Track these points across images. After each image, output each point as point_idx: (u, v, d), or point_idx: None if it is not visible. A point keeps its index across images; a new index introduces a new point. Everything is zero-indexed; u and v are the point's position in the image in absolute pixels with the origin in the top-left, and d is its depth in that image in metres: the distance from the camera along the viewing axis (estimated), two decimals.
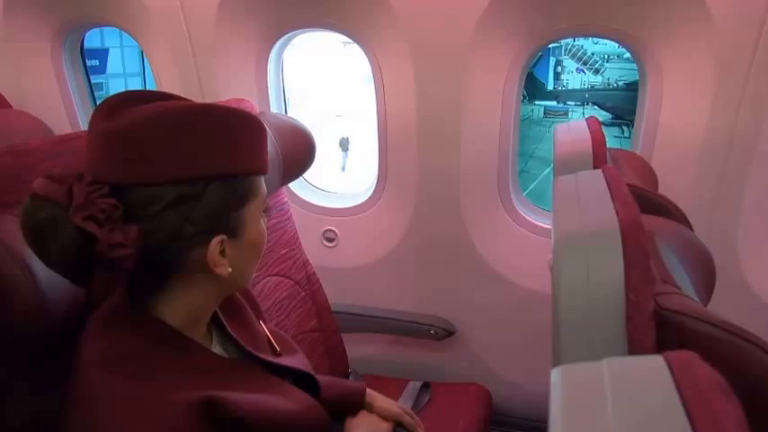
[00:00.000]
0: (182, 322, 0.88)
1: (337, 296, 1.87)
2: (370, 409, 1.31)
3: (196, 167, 0.79)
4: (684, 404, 0.36)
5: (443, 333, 2.14)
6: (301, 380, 1.09)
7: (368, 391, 1.32)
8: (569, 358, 0.60)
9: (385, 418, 1.30)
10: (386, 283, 2.19)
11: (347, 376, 1.97)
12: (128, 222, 0.76)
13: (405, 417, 1.33)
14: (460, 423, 1.84)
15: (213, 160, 0.81)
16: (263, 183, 0.91)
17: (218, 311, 1.00)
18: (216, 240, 0.82)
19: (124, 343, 0.83)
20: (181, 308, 0.87)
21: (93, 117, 0.80)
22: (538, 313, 1.72)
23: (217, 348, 0.98)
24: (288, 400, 0.96)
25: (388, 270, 2.17)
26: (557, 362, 0.62)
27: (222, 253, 0.84)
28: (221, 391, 0.82)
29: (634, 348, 0.58)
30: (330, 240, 2.23)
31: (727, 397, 0.37)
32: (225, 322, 1.01)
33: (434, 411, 1.90)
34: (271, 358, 1.04)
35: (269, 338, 1.09)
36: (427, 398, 1.95)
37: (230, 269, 0.86)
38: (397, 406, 1.34)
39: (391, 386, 1.99)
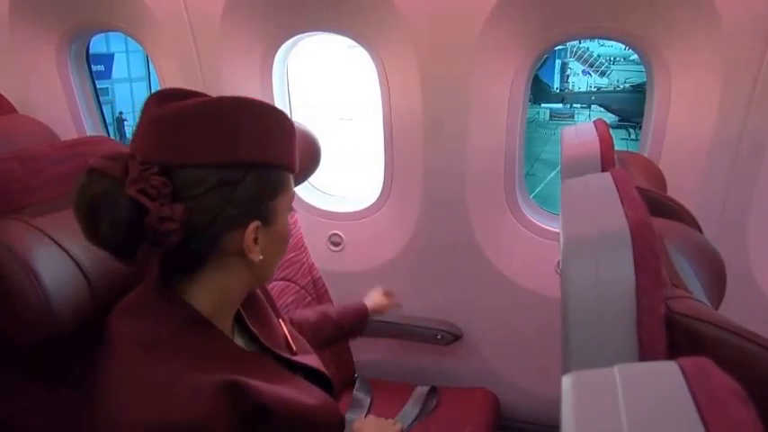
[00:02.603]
0: (210, 310, 0.91)
1: (343, 300, 1.86)
2: None
3: (239, 154, 0.85)
4: (699, 411, 0.36)
5: (450, 337, 2.13)
6: (314, 380, 1.11)
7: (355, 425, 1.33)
8: (580, 363, 0.60)
9: None
10: (392, 286, 2.18)
11: (354, 381, 1.97)
12: (174, 202, 0.81)
13: None
14: (468, 428, 1.83)
15: (255, 149, 0.87)
16: (292, 180, 0.96)
17: (240, 308, 1.03)
18: (252, 226, 0.88)
19: (154, 326, 0.87)
20: (210, 294, 0.91)
21: (145, 104, 0.86)
22: (545, 317, 1.71)
23: (238, 341, 1.01)
24: (306, 395, 1.00)
25: (395, 274, 2.16)
26: (567, 367, 0.61)
27: (255, 240, 0.89)
28: (245, 378, 0.86)
29: (645, 353, 0.58)
30: (336, 245, 2.23)
31: (742, 403, 0.36)
32: (245, 318, 1.05)
33: (442, 416, 1.90)
34: (288, 355, 1.07)
35: (286, 337, 1.13)
36: (434, 402, 1.95)
37: (261, 257, 0.90)
38: None
39: (398, 391, 1.99)
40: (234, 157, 0.85)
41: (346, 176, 2.74)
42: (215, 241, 0.87)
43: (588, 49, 11.03)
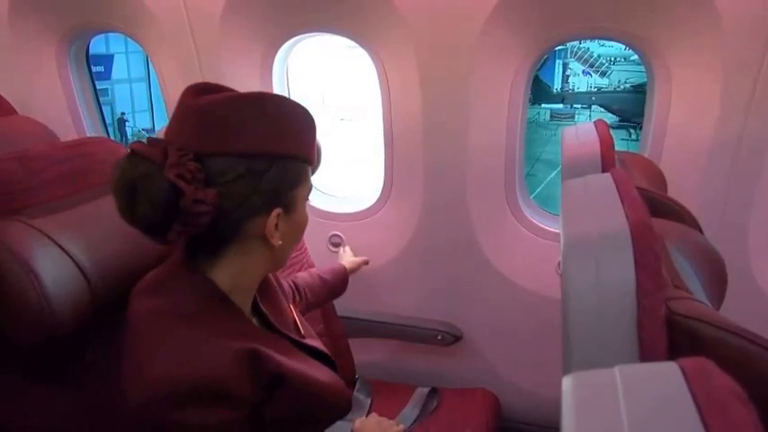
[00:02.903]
0: (229, 288, 0.98)
1: (343, 301, 1.86)
2: None
3: (266, 146, 0.91)
4: (700, 412, 0.36)
5: (450, 338, 2.13)
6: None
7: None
8: (580, 364, 0.60)
9: None
10: (392, 287, 2.19)
11: (354, 382, 1.97)
12: (206, 187, 0.87)
13: None
14: (468, 429, 1.83)
15: (280, 142, 0.93)
16: (310, 172, 1.03)
17: (255, 293, 1.10)
18: (274, 213, 0.94)
19: (179, 299, 0.94)
20: (231, 275, 0.97)
21: (182, 96, 0.92)
22: (546, 318, 1.70)
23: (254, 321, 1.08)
24: (317, 373, 1.07)
25: (395, 274, 2.16)
26: (567, 368, 0.61)
27: (276, 227, 0.95)
28: (264, 348, 0.94)
29: (646, 354, 0.57)
30: (336, 245, 2.22)
31: (742, 404, 0.36)
32: (259, 301, 1.11)
33: (442, 417, 1.89)
34: (296, 337, 1.14)
35: (296, 321, 1.19)
36: (435, 403, 1.94)
37: (280, 242, 0.97)
38: None
39: (398, 391, 1.99)
40: (261, 149, 0.91)
41: (347, 177, 2.73)
42: (239, 225, 0.93)
43: (588, 49, 11.01)
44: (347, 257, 1.93)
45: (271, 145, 0.92)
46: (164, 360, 0.86)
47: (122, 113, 8.49)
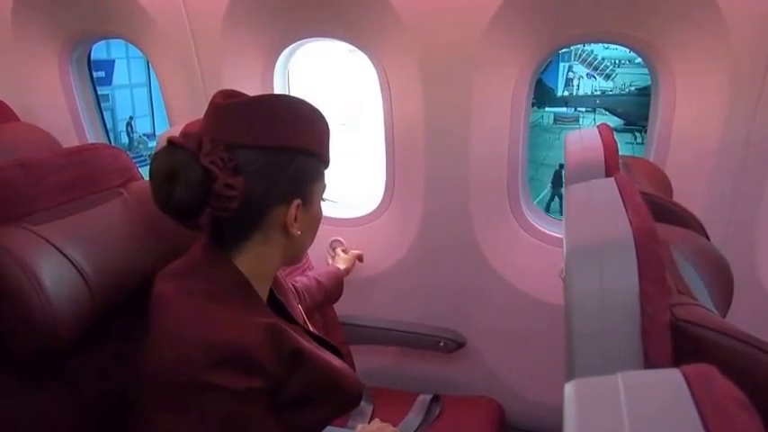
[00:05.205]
0: (250, 276, 1.04)
1: (345, 307, 1.86)
2: None
3: (288, 141, 1.00)
4: (703, 419, 0.36)
5: (453, 345, 2.12)
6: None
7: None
8: (583, 371, 0.59)
9: None
10: (394, 294, 2.18)
11: None
12: (235, 175, 0.96)
13: None
14: None
15: (301, 139, 1.02)
16: (324, 172, 1.11)
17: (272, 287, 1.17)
18: (295, 203, 1.02)
19: (205, 282, 1.01)
20: (252, 262, 1.04)
21: (213, 99, 1.02)
22: (550, 324, 1.69)
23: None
24: (331, 358, 1.13)
25: (397, 281, 2.15)
26: (570, 375, 0.60)
27: (295, 217, 1.03)
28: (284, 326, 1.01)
29: (650, 361, 0.57)
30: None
31: (746, 411, 0.36)
32: (275, 292, 1.19)
33: (445, 425, 1.88)
34: (308, 328, 1.23)
35: (305, 319, 1.27)
36: (437, 411, 1.93)
37: (299, 232, 1.05)
38: None
39: (400, 399, 1.98)
40: (283, 144, 0.99)
41: (348, 181, 2.73)
42: (263, 213, 1.01)
43: (593, 52, 10.95)
44: (341, 259, 1.95)
45: (291, 141, 1.00)
46: (197, 326, 0.93)
47: (130, 117, 8.53)
